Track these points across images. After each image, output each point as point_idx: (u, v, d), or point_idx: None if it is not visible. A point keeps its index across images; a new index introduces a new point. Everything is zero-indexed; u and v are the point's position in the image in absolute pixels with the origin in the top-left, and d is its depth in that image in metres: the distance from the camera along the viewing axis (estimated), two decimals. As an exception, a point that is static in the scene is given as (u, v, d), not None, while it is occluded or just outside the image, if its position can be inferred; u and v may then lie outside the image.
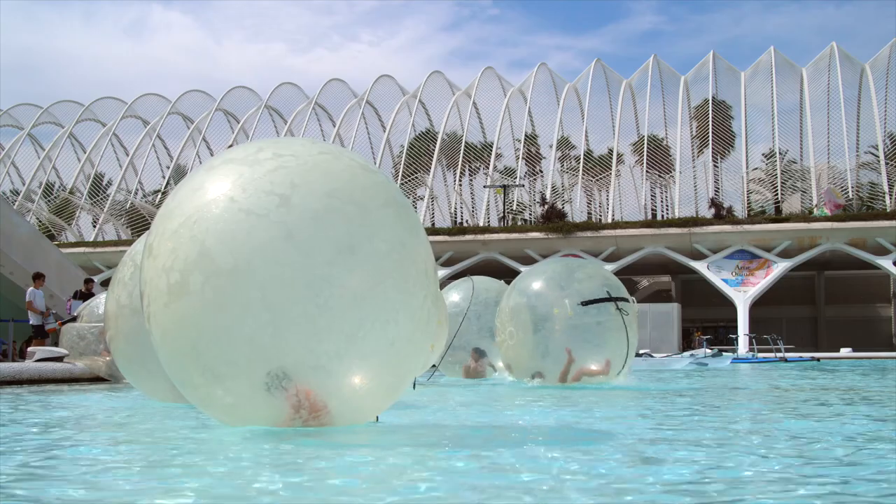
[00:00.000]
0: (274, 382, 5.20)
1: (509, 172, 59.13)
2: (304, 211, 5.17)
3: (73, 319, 15.04)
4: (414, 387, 6.02)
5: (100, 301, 13.22)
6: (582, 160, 55.84)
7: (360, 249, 5.21)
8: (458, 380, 14.40)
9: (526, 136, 58.35)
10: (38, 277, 18.65)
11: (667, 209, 56.14)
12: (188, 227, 5.21)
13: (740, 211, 51.11)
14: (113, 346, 8.96)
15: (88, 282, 20.26)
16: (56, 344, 16.24)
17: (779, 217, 48.33)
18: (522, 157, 57.76)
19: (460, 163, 57.72)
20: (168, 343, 5.38)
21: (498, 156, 58.55)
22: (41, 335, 18.41)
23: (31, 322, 18.56)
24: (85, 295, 18.84)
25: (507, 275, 45.99)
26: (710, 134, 55.05)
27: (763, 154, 57.83)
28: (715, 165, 55.42)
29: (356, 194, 5.37)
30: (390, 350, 5.36)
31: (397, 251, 5.37)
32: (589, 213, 55.16)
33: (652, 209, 57.18)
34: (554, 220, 49.43)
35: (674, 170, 54.52)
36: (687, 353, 31.45)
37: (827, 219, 45.55)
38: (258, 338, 5.10)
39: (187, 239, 5.19)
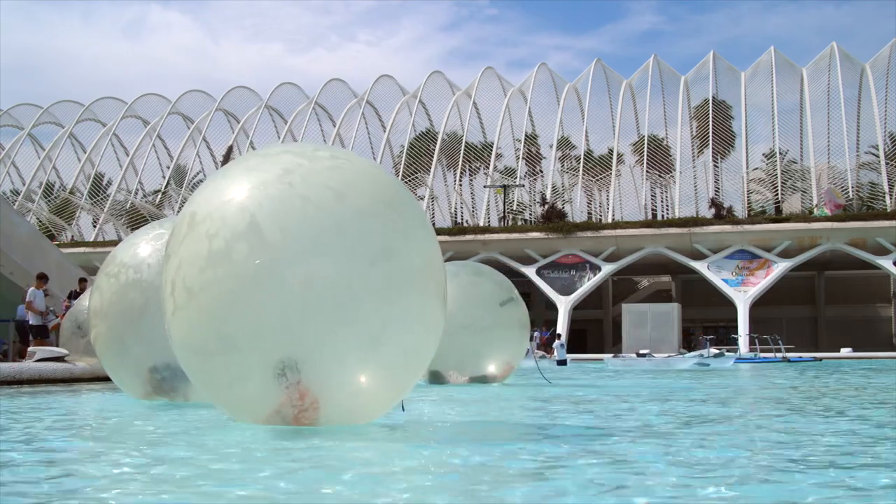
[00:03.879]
0: (284, 371, 5.23)
1: (509, 172, 59.11)
2: (357, 210, 5.33)
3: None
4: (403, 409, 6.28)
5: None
6: (582, 160, 55.82)
7: (399, 258, 5.37)
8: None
9: (526, 136, 58.33)
10: (40, 278, 18.63)
11: (667, 209, 56.12)
12: (241, 199, 5.30)
13: (740, 211, 51.10)
14: (97, 344, 8.92)
15: (83, 281, 20.19)
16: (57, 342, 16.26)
17: (779, 217, 48.32)
18: (522, 157, 57.74)
19: (460, 163, 57.71)
20: (194, 305, 5.36)
21: (498, 156, 58.53)
22: (41, 335, 18.38)
23: (30, 322, 18.52)
24: (79, 295, 18.80)
25: (508, 275, 45.98)
26: (711, 134, 55.04)
27: (763, 154, 57.83)
28: (715, 165, 55.41)
29: (400, 207, 5.58)
30: (404, 356, 5.52)
31: (427, 267, 5.56)
32: (589, 213, 55.13)
33: (652, 209, 57.15)
34: (554, 220, 49.42)
35: (674, 170, 54.51)
36: (695, 353, 31.43)
37: (827, 219, 45.54)
38: (288, 318, 5.18)
39: (237, 210, 5.27)
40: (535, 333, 36.52)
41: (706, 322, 51.77)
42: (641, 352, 34.32)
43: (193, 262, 5.32)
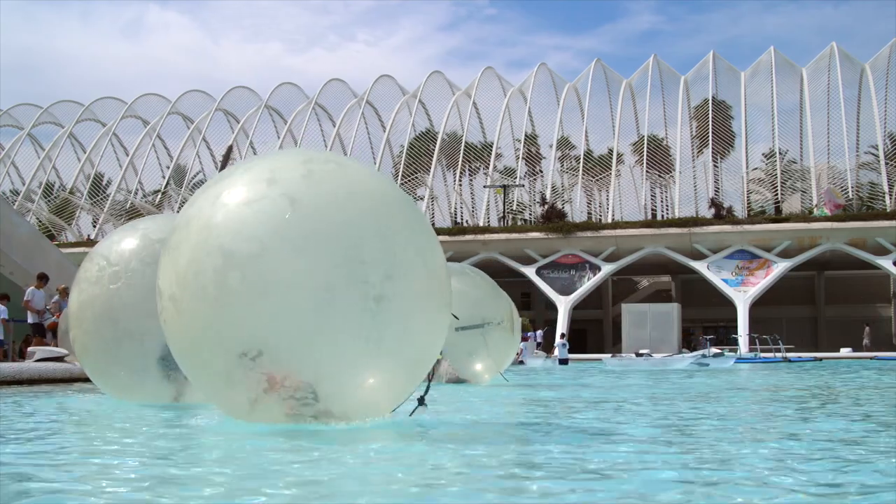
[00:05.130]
0: (246, 360, 5.29)
1: (509, 172, 59.11)
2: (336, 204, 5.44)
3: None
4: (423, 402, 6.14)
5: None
6: (582, 160, 55.82)
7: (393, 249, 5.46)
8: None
9: (526, 136, 58.32)
10: (40, 278, 18.65)
11: (667, 209, 56.12)
12: (213, 230, 5.40)
13: (740, 211, 51.10)
14: (77, 345, 8.89)
15: None
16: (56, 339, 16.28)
17: (779, 217, 48.31)
18: (522, 157, 57.74)
19: (460, 163, 57.69)
20: (201, 335, 5.49)
21: (498, 156, 58.52)
22: (39, 334, 18.42)
23: (28, 321, 18.55)
24: None
25: (508, 275, 46.13)
26: (710, 134, 55.03)
27: (763, 154, 57.83)
28: (715, 165, 55.40)
29: (375, 196, 5.64)
30: (406, 353, 5.61)
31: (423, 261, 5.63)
32: (589, 213, 55.13)
33: (652, 209, 57.15)
34: (554, 220, 49.41)
35: (674, 170, 54.51)
36: (697, 353, 31.45)
37: (827, 219, 45.53)
38: (296, 330, 5.32)
39: (215, 240, 5.36)
40: (532, 333, 36.54)
41: (706, 322, 51.75)
42: (640, 352, 34.32)
43: (193, 293, 5.42)
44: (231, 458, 4.85)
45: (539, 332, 43.89)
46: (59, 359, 14.33)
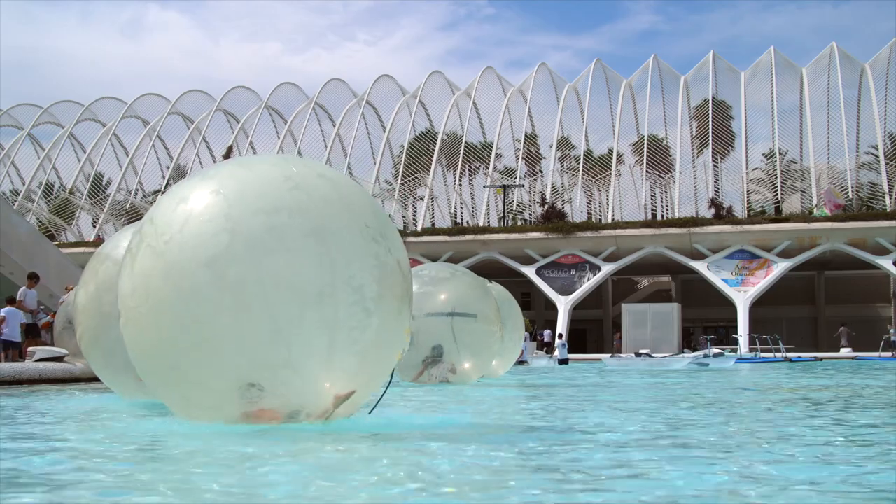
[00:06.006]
0: (248, 391, 5.36)
1: (509, 172, 59.09)
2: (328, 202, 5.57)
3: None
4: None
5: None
6: (582, 160, 55.81)
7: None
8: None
9: (526, 136, 58.31)
10: (31, 277, 18.65)
11: (667, 209, 56.11)
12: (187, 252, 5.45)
13: (740, 211, 51.09)
14: (83, 342, 8.90)
15: None
16: (52, 338, 16.29)
17: (779, 217, 48.30)
18: (522, 157, 57.73)
19: (460, 163, 57.67)
20: (169, 339, 5.51)
21: (498, 156, 58.50)
22: (33, 334, 18.42)
23: (21, 321, 18.54)
24: None
25: (508, 275, 46.12)
26: (710, 134, 55.01)
27: (763, 154, 57.82)
28: (715, 165, 55.39)
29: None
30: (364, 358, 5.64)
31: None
32: (589, 213, 55.12)
33: (652, 209, 57.14)
34: (554, 220, 49.41)
35: (674, 170, 54.50)
36: (698, 353, 31.47)
37: (827, 219, 45.53)
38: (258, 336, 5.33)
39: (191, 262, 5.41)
40: (527, 334, 36.47)
41: (706, 322, 51.74)
42: (640, 352, 34.35)
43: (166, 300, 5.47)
44: (197, 459, 4.85)
45: (547, 332, 44.04)
46: (59, 359, 14.33)
